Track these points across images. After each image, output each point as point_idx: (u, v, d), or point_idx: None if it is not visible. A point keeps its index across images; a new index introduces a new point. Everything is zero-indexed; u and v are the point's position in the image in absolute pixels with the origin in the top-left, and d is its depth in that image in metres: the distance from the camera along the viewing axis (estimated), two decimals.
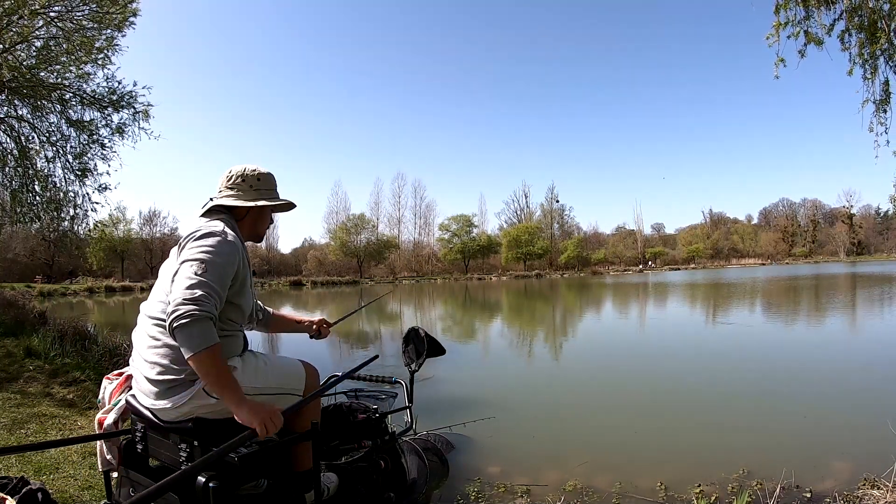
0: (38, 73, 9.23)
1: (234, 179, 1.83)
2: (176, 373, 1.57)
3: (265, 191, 1.87)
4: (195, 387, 1.56)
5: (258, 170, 1.87)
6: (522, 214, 66.48)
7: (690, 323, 12.60)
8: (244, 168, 1.85)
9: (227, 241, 1.62)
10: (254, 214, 1.87)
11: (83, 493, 2.62)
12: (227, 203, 1.79)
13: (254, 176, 1.85)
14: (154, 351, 1.61)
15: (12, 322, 8.38)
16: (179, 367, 1.56)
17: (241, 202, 1.80)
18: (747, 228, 75.86)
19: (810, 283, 24.35)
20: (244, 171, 1.84)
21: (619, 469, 3.38)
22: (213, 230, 1.63)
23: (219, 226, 1.67)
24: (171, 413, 1.58)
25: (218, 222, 1.70)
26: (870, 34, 4.29)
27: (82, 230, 10.96)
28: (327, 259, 58.92)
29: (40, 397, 4.45)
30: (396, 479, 2.46)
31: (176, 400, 1.56)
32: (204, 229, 1.63)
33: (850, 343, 8.72)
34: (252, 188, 1.83)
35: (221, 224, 1.69)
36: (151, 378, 1.59)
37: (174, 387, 1.57)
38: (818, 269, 41.83)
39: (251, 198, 1.82)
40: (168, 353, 1.58)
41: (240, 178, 1.83)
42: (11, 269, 40.19)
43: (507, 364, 7.93)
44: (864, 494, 2.72)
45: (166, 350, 1.58)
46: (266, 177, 1.88)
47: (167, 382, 1.57)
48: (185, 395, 1.56)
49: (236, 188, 1.82)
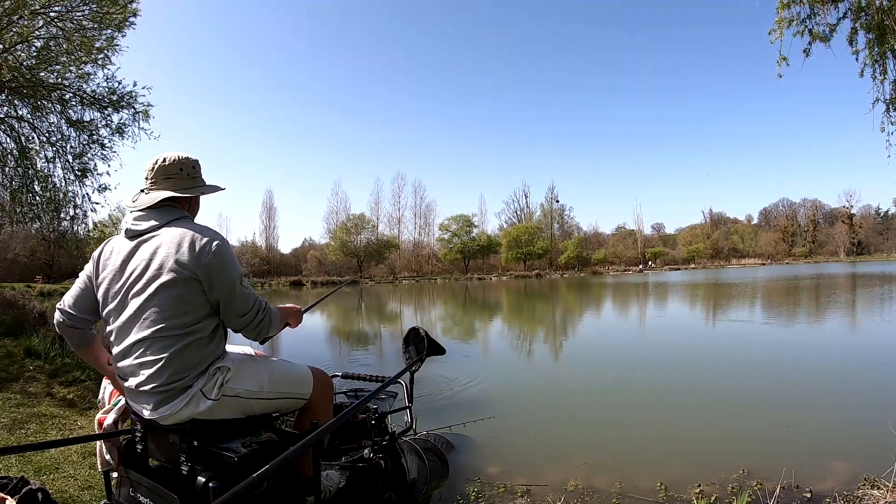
0: (38, 73, 9.22)
1: (169, 168, 1.73)
2: (171, 382, 1.55)
3: (199, 178, 1.81)
4: (192, 391, 1.56)
5: (189, 157, 1.79)
6: (522, 214, 66.56)
7: (690, 323, 12.60)
8: (177, 156, 1.76)
9: (227, 241, 1.67)
10: (193, 203, 1.82)
11: (83, 493, 2.62)
12: (176, 195, 1.71)
13: (189, 163, 1.77)
14: (146, 368, 1.56)
15: (12, 322, 8.36)
16: (175, 377, 1.55)
17: (186, 192, 1.74)
18: (747, 228, 75.84)
19: (810, 284, 24.34)
20: (178, 159, 1.76)
21: (619, 469, 3.38)
22: (217, 240, 1.61)
23: (210, 231, 1.64)
24: (171, 419, 1.56)
25: (197, 225, 1.67)
26: (878, 33, 4.27)
27: (82, 230, 10.95)
28: (327, 259, 58.94)
29: (40, 397, 4.45)
30: (396, 479, 2.46)
31: (172, 407, 1.55)
32: (212, 242, 1.59)
33: (851, 343, 8.71)
34: (189, 176, 1.76)
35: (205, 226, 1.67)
36: (145, 391, 1.56)
37: (170, 394, 1.55)
38: (818, 270, 41.82)
39: (190, 185, 1.76)
40: (163, 367, 1.54)
41: (177, 167, 1.74)
42: (11, 269, 40.18)
43: (506, 364, 7.93)
44: (864, 494, 2.72)
45: (160, 364, 1.54)
46: (197, 163, 1.81)
47: (162, 393, 1.55)
48: (182, 400, 1.55)
49: (174, 177, 1.73)
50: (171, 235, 1.60)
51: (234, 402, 1.63)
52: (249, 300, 1.68)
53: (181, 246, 1.56)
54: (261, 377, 1.72)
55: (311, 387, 1.86)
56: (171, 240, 1.58)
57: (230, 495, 1.35)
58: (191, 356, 1.57)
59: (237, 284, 1.63)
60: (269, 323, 1.74)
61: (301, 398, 1.84)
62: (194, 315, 1.57)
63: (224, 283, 1.59)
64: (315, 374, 1.91)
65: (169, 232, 1.61)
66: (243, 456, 1.55)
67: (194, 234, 1.60)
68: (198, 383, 1.57)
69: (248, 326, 1.69)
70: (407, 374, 2.59)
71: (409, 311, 19.70)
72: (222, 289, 1.60)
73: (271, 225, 62.42)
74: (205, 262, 1.56)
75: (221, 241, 1.61)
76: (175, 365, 1.54)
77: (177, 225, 1.64)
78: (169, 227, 1.63)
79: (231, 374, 1.62)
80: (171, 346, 1.54)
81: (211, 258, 1.57)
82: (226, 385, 1.60)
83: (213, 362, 1.62)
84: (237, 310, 1.65)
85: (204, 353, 1.60)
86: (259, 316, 1.70)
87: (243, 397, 1.65)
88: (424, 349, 2.56)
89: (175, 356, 1.54)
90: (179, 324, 1.55)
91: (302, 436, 1.76)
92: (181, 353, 1.55)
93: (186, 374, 1.56)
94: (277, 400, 1.76)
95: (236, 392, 1.63)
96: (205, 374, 1.59)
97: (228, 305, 1.63)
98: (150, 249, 1.59)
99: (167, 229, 1.62)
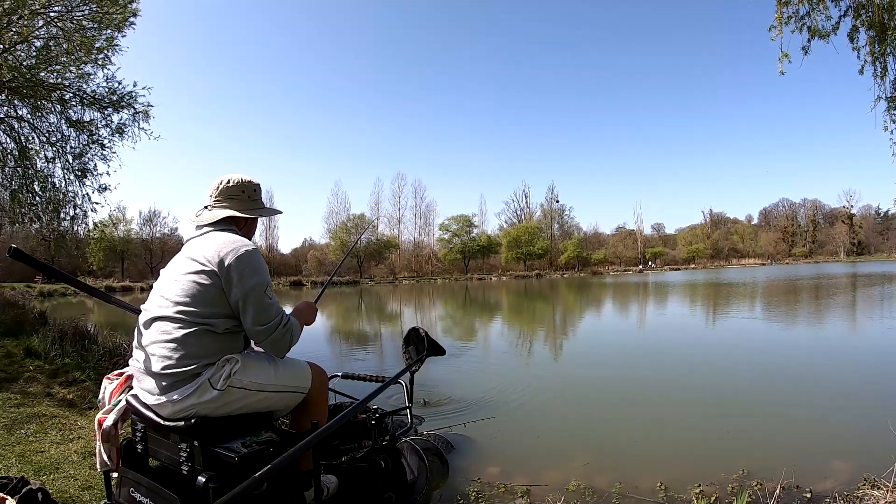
0: (38, 73, 9.22)
1: (232, 190, 1.92)
2: (182, 366, 1.62)
3: (259, 201, 1.99)
4: (200, 379, 1.62)
5: (252, 180, 1.97)
6: (522, 214, 66.53)
7: (690, 323, 12.59)
8: (240, 178, 1.94)
9: (259, 253, 1.78)
10: (250, 223, 1.98)
11: (83, 493, 2.62)
12: (237, 214, 1.88)
13: (251, 187, 1.95)
14: (161, 346, 1.65)
15: (12, 322, 8.35)
16: (186, 361, 1.63)
17: (246, 213, 1.91)
18: (747, 228, 75.85)
19: (811, 284, 24.34)
20: (241, 182, 1.94)
21: (619, 469, 3.38)
22: (247, 247, 1.74)
23: (243, 240, 1.78)
24: (174, 408, 1.61)
25: (238, 236, 1.81)
26: (879, 31, 4.24)
27: (82, 230, 10.96)
28: (327, 259, 58.92)
29: (40, 397, 4.44)
30: (396, 479, 2.46)
31: (180, 392, 1.61)
32: (240, 248, 1.72)
33: (851, 343, 8.71)
34: (250, 198, 1.95)
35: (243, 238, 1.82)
36: (156, 372, 1.64)
37: (179, 380, 1.62)
38: (818, 270, 41.82)
39: (250, 207, 1.94)
40: (176, 348, 1.63)
41: (239, 190, 1.93)
42: (11, 269, 40.12)
43: (506, 364, 7.92)
44: (864, 494, 2.72)
45: (174, 345, 1.64)
46: (258, 187, 2.00)
47: (173, 376, 1.62)
48: (189, 387, 1.61)
49: (237, 198, 1.92)
50: (212, 237, 1.79)
51: (240, 395, 1.67)
52: (269, 312, 1.72)
53: (213, 246, 1.73)
54: (268, 370, 1.78)
55: (310, 381, 1.91)
56: (210, 240, 1.77)
57: (231, 496, 1.35)
58: (203, 344, 1.65)
59: (258, 293, 1.69)
60: (289, 339, 1.78)
61: (301, 392, 1.88)
62: (212, 309, 1.68)
63: (241, 288, 1.67)
64: (312, 367, 1.97)
65: (211, 234, 1.81)
66: (243, 456, 1.55)
67: (228, 239, 1.76)
68: (206, 372, 1.63)
69: (267, 339, 1.72)
70: (407, 374, 2.59)
71: (409, 311, 19.70)
72: (239, 293, 1.68)
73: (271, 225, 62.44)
74: (227, 264, 1.68)
75: (248, 250, 1.73)
76: (186, 348, 1.63)
77: (219, 230, 1.83)
78: (213, 232, 1.82)
79: (239, 367, 1.67)
80: (186, 328, 1.64)
81: (233, 261, 1.69)
82: (234, 376, 1.64)
83: (224, 355, 1.69)
84: (255, 318, 1.69)
85: (216, 346, 1.68)
86: (280, 331, 1.73)
87: (250, 389, 1.70)
88: (424, 349, 2.57)
89: (188, 339, 1.63)
90: (198, 312, 1.66)
91: (301, 435, 1.76)
92: (195, 337, 1.64)
93: (196, 360, 1.63)
94: (282, 393, 1.81)
95: (244, 384, 1.68)
96: (214, 364, 1.65)
97: (246, 312, 1.69)
98: (192, 247, 1.79)
99: (212, 233, 1.82)
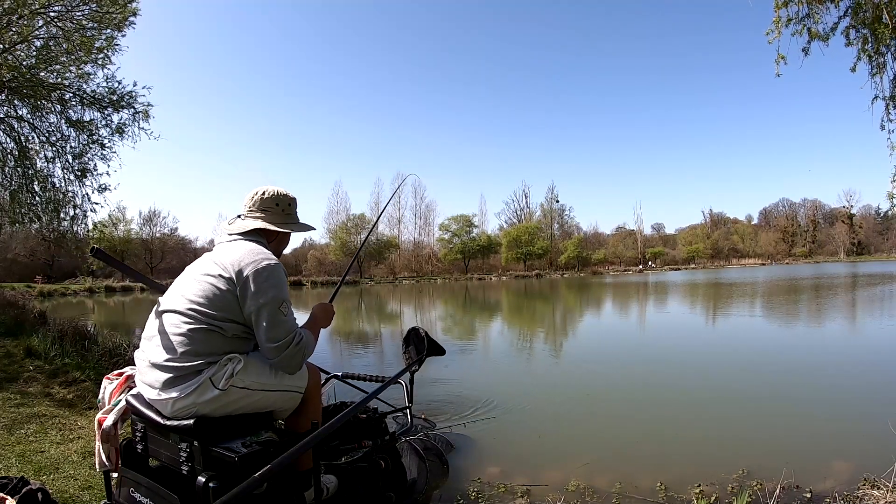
0: (38, 73, 9.21)
1: (267, 202, 1.91)
2: (185, 361, 1.63)
3: (294, 215, 1.97)
4: (202, 377, 1.62)
5: (288, 194, 1.96)
6: (522, 214, 66.47)
7: (690, 323, 12.59)
8: (276, 191, 1.93)
9: (281, 268, 1.76)
10: (281, 237, 1.97)
11: (83, 493, 2.62)
12: (268, 227, 1.87)
13: (286, 200, 1.94)
14: (168, 338, 1.66)
15: (12, 322, 8.35)
16: (189, 357, 1.64)
17: (277, 227, 1.90)
18: (747, 228, 75.80)
19: (811, 284, 24.34)
20: (276, 194, 1.93)
21: (620, 469, 3.37)
22: (269, 261, 1.74)
23: (267, 253, 1.77)
24: (174, 406, 1.61)
25: (263, 249, 1.80)
26: (874, 29, 4.23)
27: (82, 230, 10.94)
28: (327, 259, 58.90)
29: (40, 397, 4.44)
30: (396, 479, 2.46)
31: (181, 390, 1.61)
32: (261, 261, 1.72)
33: (851, 343, 8.71)
34: (284, 212, 1.94)
35: (267, 251, 1.81)
36: (159, 363, 1.64)
37: (181, 375, 1.62)
38: (818, 270, 41.82)
39: (283, 221, 1.93)
40: (182, 342, 1.65)
41: (273, 202, 1.92)
42: (11, 269, 40.16)
43: (507, 364, 7.92)
44: (864, 494, 2.72)
45: (180, 339, 1.65)
46: (294, 201, 1.99)
47: (175, 370, 1.62)
48: (190, 385, 1.61)
49: (270, 211, 1.91)
50: (237, 245, 1.79)
51: (241, 394, 1.67)
52: (282, 329, 1.70)
53: (236, 254, 1.74)
54: (269, 370, 1.77)
55: (306, 380, 1.91)
56: (234, 248, 1.77)
57: (231, 495, 1.35)
58: (210, 343, 1.66)
59: (272, 309, 1.68)
60: (301, 358, 1.77)
61: (299, 391, 1.88)
62: (224, 314, 1.69)
63: (256, 301, 1.67)
64: (308, 367, 1.96)
65: (238, 242, 1.81)
66: (243, 456, 1.55)
67: (251, 249, 1.76)
68: (208, 371, 1.63)
69: (278, 357, 1.71)
70: (407, 374, 2.59)
71: (409, 311, 19.70)
72: (253, 306, 1.68)
73: None
74: (245, 275, 1.69)
75: (269, 264, 1.72)
76: (192, 344, 1.64)
77: (247, 240, 1.82)
78: (241, 240, 1.82)
79: (241, 366, 1.67)
80: (194, 324, 1.65)
81: (251, 273, 1.69)
82: (236, 376, 1.64)
83: (227, 355, 1.69)
84: (267, 334, 1.69)
85: (222, 346, 1.69)
86: (292, 349, 1.72)
87: (252, 389, 1.70)
88: (424, 349, 2.57)
89: (195, 335, 1.64)
90: (210, 313, 1.67)
91: (301, 435, 1.76)
92: (202, 335, 1.65)
93: (200, 358, 1.64)
94: (283, 393, 1.80)
95: (245, 384, 1.68)
96: (216, 363, 1.65)
97: (258, 326, 1.69)
98: (218, 251, 1.81)
99: (239, 241, 1.82)
